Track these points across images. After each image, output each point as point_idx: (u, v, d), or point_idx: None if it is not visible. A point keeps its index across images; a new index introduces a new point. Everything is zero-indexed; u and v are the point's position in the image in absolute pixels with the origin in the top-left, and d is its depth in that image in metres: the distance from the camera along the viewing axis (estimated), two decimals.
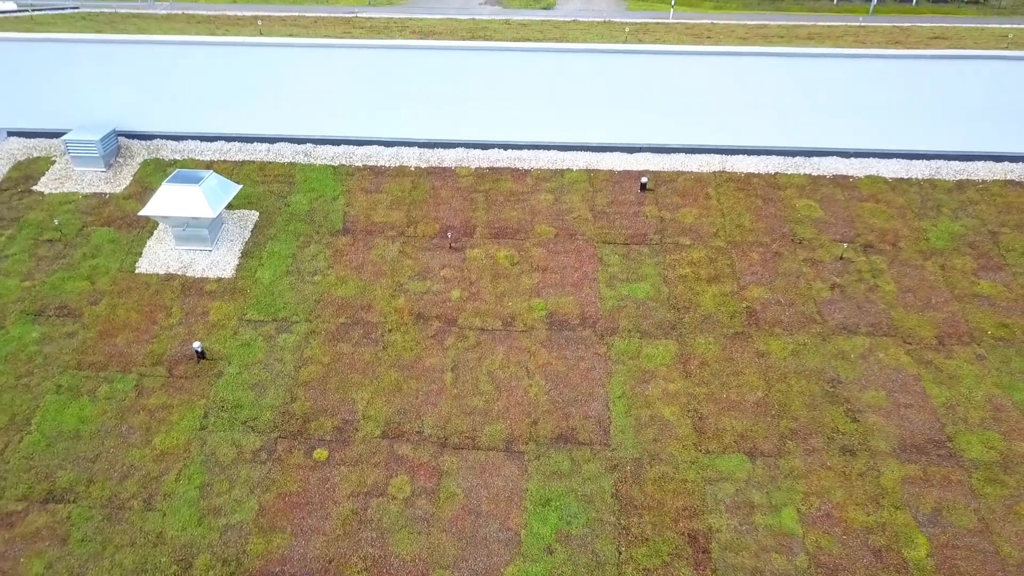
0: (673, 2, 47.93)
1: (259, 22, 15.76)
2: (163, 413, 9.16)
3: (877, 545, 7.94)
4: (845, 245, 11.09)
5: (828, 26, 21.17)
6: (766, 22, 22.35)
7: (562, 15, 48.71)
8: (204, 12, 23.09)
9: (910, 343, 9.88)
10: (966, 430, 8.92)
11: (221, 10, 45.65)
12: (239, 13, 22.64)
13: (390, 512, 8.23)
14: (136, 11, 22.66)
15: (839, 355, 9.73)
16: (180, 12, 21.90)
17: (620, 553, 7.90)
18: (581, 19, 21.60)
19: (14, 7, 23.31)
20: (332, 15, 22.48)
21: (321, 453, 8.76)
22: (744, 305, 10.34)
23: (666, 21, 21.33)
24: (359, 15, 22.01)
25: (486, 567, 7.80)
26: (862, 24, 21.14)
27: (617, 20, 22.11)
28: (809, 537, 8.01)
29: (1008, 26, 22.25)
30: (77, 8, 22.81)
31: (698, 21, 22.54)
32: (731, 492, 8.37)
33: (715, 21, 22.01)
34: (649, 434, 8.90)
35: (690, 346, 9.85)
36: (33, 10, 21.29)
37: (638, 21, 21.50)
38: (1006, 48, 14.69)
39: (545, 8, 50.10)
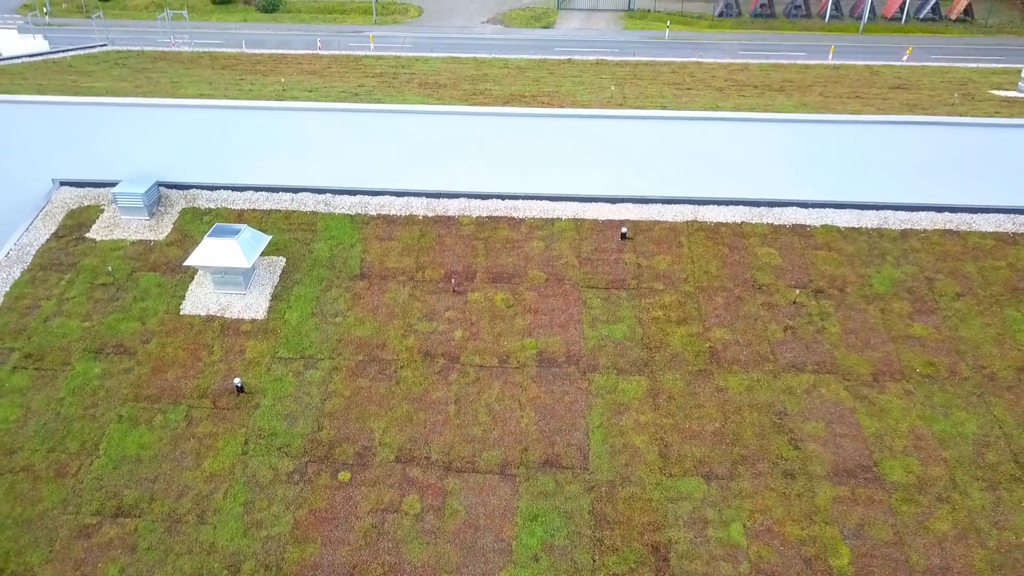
0: (668, 23, 49.57)
1: (282, 79, 17.34)
2: (210, 440, 10.81)
3: (808, 555, 9.56)
4: (797, 291, 12.71)
5: (804, 66, 22.71)
6: (748, 60, 23.91)
7: (561, 34, 50.43)
8: (227, 50, 24.72)
9: (849, 380, 11.49)
10: (890, 456, 10.53)
11: (236, 31, 47.23)
12: (257, 51, 24.26)
13: (403, 526, 9.86)
14: (162, 49, 24.30)
15: (787, 390, 11.34)
16: (205, 51, 23.52)
17: (594, 561, 9.52)
18: (576, 57, 23.16)
19: (46, 47, 24.96)
20: (344, 54, 24.08)
21: (345, 475, 10.39)
22: (707, 345, 11.96)
23: (653, 60, 22.90)
24: (369, 54, 23.61)
25: (483, 572, 9.43)
26: (836, 65, 22.68)
27: (610, 58, 23.68)
28: (752, 548, 9.62)
29: (973, 65, 23.84)
30: (105, 46, 24.42)
31: (685, 59, 24.12)
32: (689, 510, 9.99)
33: (701, 60, 23.55)
34: (622, 459, 10.53)
35: (659, 382, 11.47)
36: (66, 51, 22.87)
37: (629, 60, 23.08)
38: (952, 105, 16.28)
39: (545, 27, 51.80)
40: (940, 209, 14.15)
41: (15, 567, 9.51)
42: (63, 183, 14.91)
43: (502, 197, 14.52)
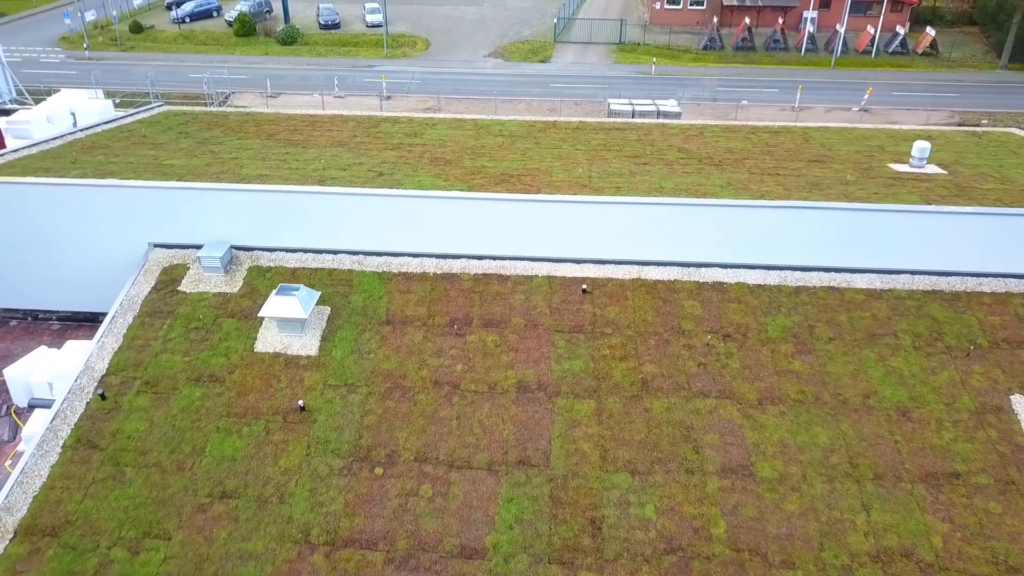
0: (655, 60, 53.88)
1: (321, 160, 21.79)
2: (283, 445, 15.25)
3: (697, 526, 13.95)
4: (710, 336, 17.11)
5: (752, 130, 27.04)
6: (708, 122, 28.24)
7: (557, 68, 54.86)
8: (264, 111, 29.16)
9: (741, 404, 15.88)
10: (763, 459, 14.93)
11: (259, 66, 51.63)
12: (291, 111, 28.69)
13: (420, 505, 14.29)
14: (212, 110, 28.78)
15: (695, 411, 15.74)
16: (248, 113, 27.98)
17: (551, 529, 13.93)
18: (560, 120, 27.50)
19: (111, 108, 29.40)
20: (365, 115, 28.48)
21: (379, 470, 14.83)
22: (640, 377, 16.36)
23: (625, 123, 27.25)
24: (386, 115, 28.04)
25: (475, 536, 13.84)
26: (778, 129, 27.03)
27: (591, 120, 28.04)
28: (659, 521, 14.02)
29: (896, 127, 28.15)
30: (161, 105, 28.89)
31: (653, 121, 28.52)
32: (617, 495, 14.39)
33: (666, 122, 27.95)
34: (573, 460, 14.95)
35: (603, 404, 15.89)
36: (130, 115, 27.29)
37: (605, 123, 27.44)
38: (846, 184, 20.66)
39: (542, 61, 56.20)
40: (827, 270, 18.49)
41: (157, 532, 13.97)
42: (156, 245, 19.35)
43: (493, 258, 18.89)
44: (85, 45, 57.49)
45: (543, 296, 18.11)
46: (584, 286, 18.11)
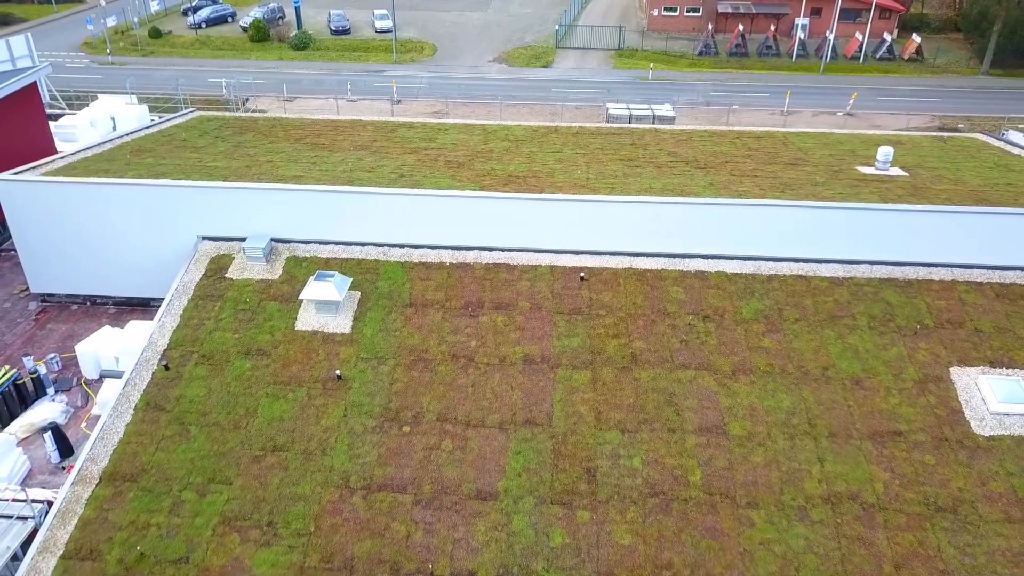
0: (651, 66, 56.35)
1: (348, 163, 24.35)
2: (324, 408, 17.78)
3: (677, 475, 16.48)
4: (691, 317, 19.64)
5: (737, 134, 29.53)
6: (697, 127, 30.77)
7: (559, 73, 57.33)
8: (289, 116, 31.71)
9: (717, 374, 18.40)
10: (733, 420, 17.45)
11: (274, 71, 54.16)
12: (315, 117, 31.23)
13: (442, 457, 16.81)
14: (242, 116, 31.32)
15: (677, 380, 18.27)
16: (275, 119, 30.52)
17: (553, 477, 16.47)
18: (561, 125, 30.02)
19: (147, 113, 31.91)
20: (383, 120, 31.01)
21: (406, 428, 17.35)
22: (630, 351, 18.89)
23: (622, 128, 29.77)
24: (402, 121, 30.56)
25: (489, 482, 16.36)
26: (761, 134, 29.54)
27: (590, 125, 30.55)
28: (645, 471, 16.55)
29: (870, 133, 30.60)
30: (194, 111, 31.42)
31: (647, 126, 31.05)
32: (609, 449, 16.92)
33: (658, 127, 30.47)
34: (572, 420, 17.47)
35: (598, 374, 18.42)
36: (164, 120, 29.80)
37: (603, 128, 29.96)
38: (815, 185, 23.18)
39: (544, 66, 58.68)
40: (796, 260, 21.02)
41: (219, 478, 16.50)
42: (205, 238, 21.90)
43: (502, 250, 21.43)
44: (108, 50, 60.04)
45: (546, 283, 20.63)
46: (582, 274, 20.63)
